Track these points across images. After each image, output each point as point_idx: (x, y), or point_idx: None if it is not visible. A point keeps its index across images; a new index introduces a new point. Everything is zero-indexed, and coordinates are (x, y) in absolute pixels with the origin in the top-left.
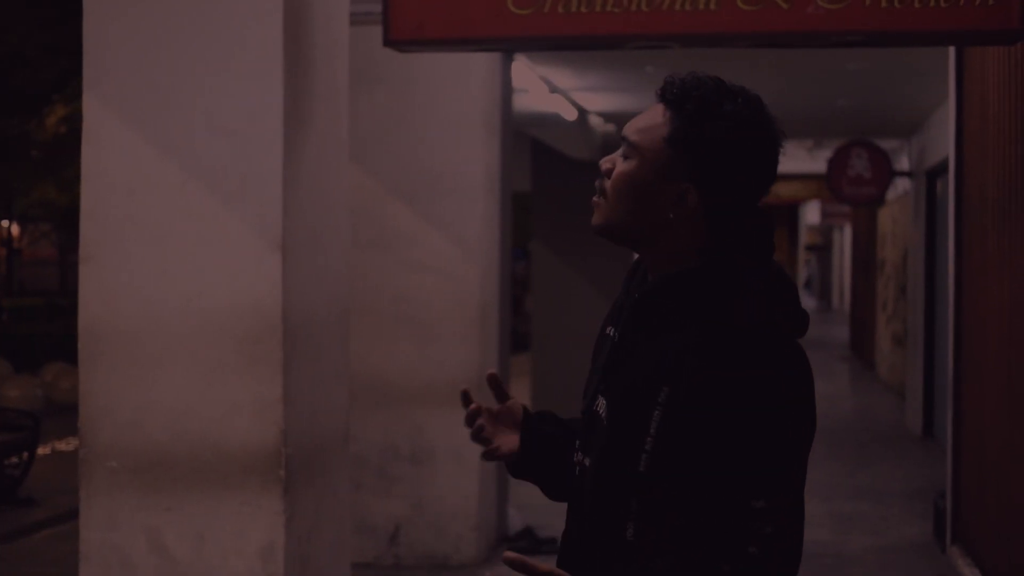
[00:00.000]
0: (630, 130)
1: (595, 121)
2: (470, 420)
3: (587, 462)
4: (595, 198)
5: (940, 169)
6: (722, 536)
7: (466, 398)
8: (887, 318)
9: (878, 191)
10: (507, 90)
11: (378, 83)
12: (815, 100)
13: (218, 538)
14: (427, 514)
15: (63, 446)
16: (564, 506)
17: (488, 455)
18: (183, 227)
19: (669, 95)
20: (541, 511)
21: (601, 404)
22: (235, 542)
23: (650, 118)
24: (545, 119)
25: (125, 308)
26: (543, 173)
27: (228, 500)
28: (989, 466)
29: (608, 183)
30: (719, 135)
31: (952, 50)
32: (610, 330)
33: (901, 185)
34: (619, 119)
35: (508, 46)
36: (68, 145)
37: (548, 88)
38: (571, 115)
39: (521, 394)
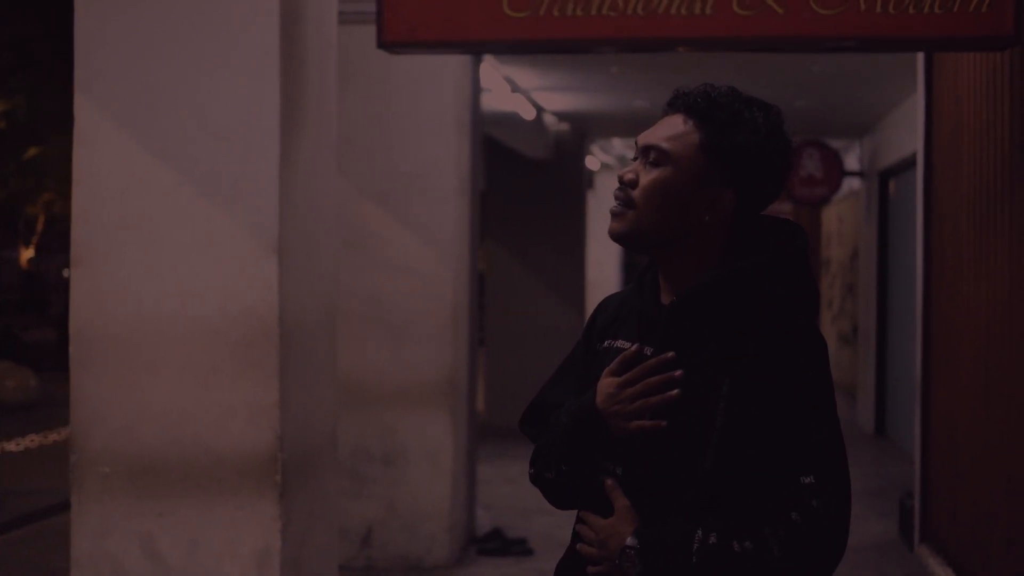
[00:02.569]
0: (656, 139)
1: (549, 120)
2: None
3: (619, 471)
4: (615, 207)
5: (895, 170)
6: (769, 506)
7: None
8: (832, 317)
9: (829, 191)
10: (476, 90)
11: (351, 83)
12: (775, 100)
13: (212, 544)
14: (400, 516)
15: (13, 447)
16: (532, 506)
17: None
18: (177, 230)
19: (693, 106)
20: (508, 512)
21: None
22: (229, 547)
23: (673, 128)
24: (503, 118)
25: (117, 312)
26: (497, 171)
27: (222, 505)
28: (964, 467)
29: (636, 192)
30: (750, 140)
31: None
32: (611, 343)
33: (846, 184)
34: (576, 118)
35: (503, 49)
36: (5, 141)
37: (510, 88)
38: (530, 114)
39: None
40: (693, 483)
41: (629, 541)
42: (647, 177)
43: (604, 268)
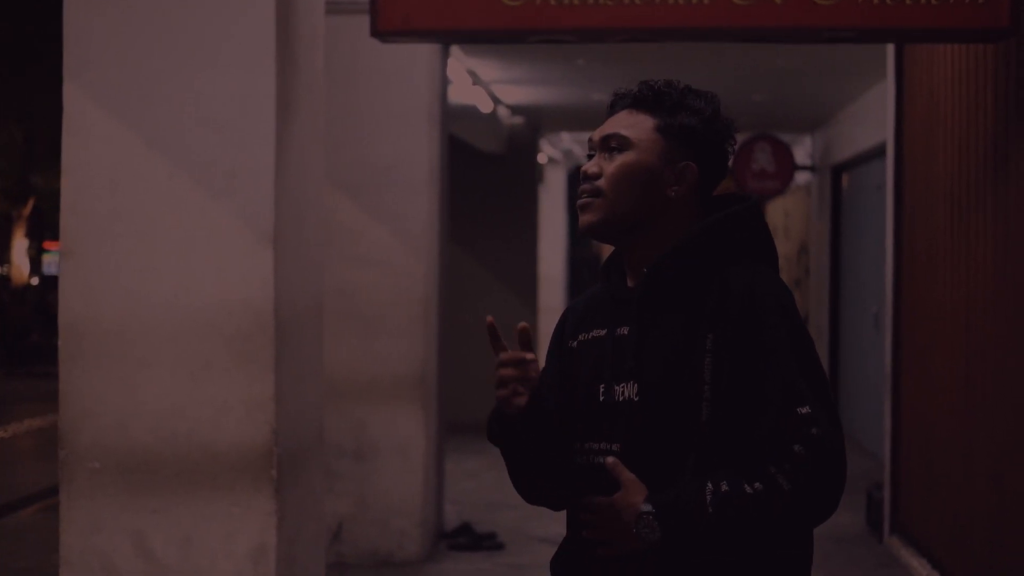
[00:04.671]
0: (616, 129)
1: (503, 113)
2: (502, 364)
3: (616, 448)
4: (584, 200)
5: (849, 164)
6: (770, 443)
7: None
8: None
9: (782, 185)
10: (444, 82)
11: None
12: (733, 94)
13: (206, 540)
14: (371, 511)
15: None
16: (497, 501)
17: (504, 400)
18: (170, 221)
19: (640, 99)
20: (473, 506)
21: (627, 389)
22: (224, 544)
23: (626, 119)
24: (458, 111)
25: (109, 305)
26: (449, 165)
27: (217, 501)
28: (940, 460)
29: (602, 181)
30: (698, 120)
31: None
32: (583, 336)
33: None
34: (530, 112)
35: (499, 38)
36: None
37: (471, 80)
38: (488, 107)
39: None
40: (694, 442)
41: (644, 508)
42: (612, 164)
43: (550, 265)
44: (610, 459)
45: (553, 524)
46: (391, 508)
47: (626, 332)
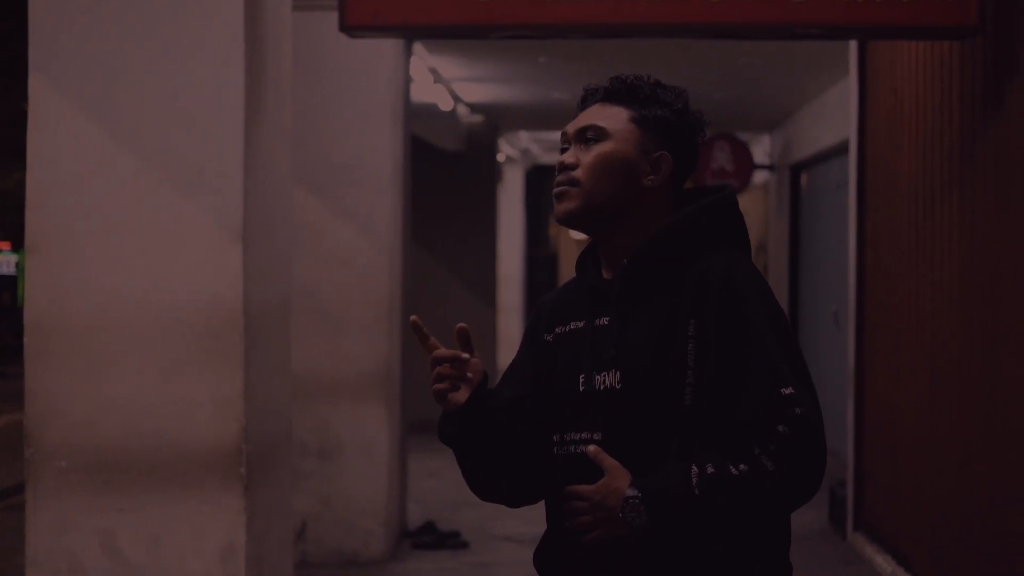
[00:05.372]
0: (592, 120)
1: (462, 111)
2: (435, 361)
3: (597, 437)
4: (561, 189)
5: (808, 163)
6: (754, 425)
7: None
8: None
9: (741, 183)
10: (407, 80)
11: None
12: (694, 93)
13: (175, 539)
14: (335, 510)
15: None
16: (460, 499)
17: (438, 394)
18: (138, 217)
19: (613, 92)
20: (435, 505)
21: (608, 378)
22: (193, 543)
23: (601, 111)
24: (421, 109)
25: (76, 302)
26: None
27: (186, 500)
28: (906, 457)
29: (579, 171)
30: (670, 112)
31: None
32: (560, 329)
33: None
34: (490, 110)
35: (468, 34)
36: None
37: (433, 78)
38: (448, 106)
39: None
40: (676, 427)
41: (630, 492)
42: (589, 154)
43: (509, 264)
44: (592, 447)
45: (517, 523)
46: (355, 507)
47: (606, 322)
